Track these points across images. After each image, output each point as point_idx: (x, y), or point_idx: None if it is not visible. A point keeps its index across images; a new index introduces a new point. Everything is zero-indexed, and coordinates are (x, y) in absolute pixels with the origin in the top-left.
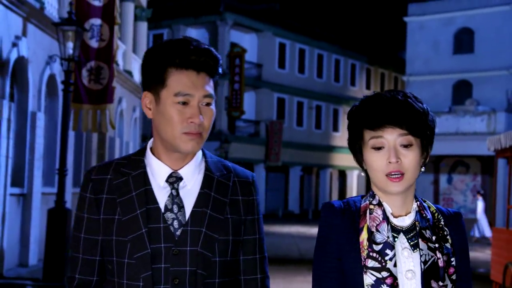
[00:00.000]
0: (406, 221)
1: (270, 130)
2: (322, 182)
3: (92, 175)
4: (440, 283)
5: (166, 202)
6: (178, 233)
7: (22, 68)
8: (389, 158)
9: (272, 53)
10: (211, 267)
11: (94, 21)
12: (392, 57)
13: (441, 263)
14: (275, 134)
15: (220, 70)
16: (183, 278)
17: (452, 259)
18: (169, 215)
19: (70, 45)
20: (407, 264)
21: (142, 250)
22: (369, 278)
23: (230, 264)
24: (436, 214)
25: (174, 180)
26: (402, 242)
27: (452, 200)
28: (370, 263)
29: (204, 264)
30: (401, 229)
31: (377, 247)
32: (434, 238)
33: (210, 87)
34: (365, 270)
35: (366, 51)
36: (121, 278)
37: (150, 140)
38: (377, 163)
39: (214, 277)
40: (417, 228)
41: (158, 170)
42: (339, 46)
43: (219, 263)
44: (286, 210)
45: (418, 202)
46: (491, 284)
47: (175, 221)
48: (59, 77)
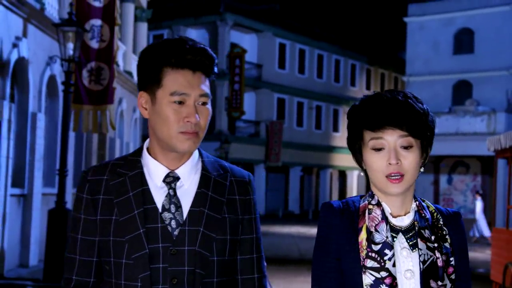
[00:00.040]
0: (405, 221)
1: (270, 130)
2: (322, 183)
3: (88, 176)
4: (439, 283)
5: (163, 202)
6: (176, 233)
7: (23, 69)
8: (389, 159)
9: (272, 53)
10: (209, 267)
11: (94, 21)
12: (392, 57)
13: (440, 263)
14: (275, 134)
15: (215, 70)
16: (182, 277)
17: (451, 259)
18: (166, 215)
19: (71, 45)
20: (406, 263)
21: (140, 250)
22: (368, 278)
23: (228, 263)
24: (435, 214)
25: (171, 180)
26: (401, 242)
27: (452, 200)
28: (369, 263)
29: (202, 263)
30: (400, 229)
31: (376, 247)
32: (433, 237)
33: (206, 86)
34: (364, 270)
35: (366, 52)
36: (119, 279)
37: (147, 140)
38: (377, 164)
39: (212, 276)
40: (416, 228)
41: (155, 170)
42: (339, 47)
43: (217, 263)
44: (286, 211)
45: (417, 202)
46: (491, 284)
47: (173, 221)
48: (60, 77)
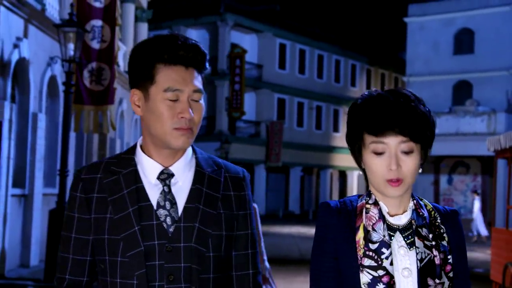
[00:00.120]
0: (402, 219)
1: (271, 130)
2: (323, 183)
3: (82, 175)
4: (436, 281)
5: (158, 199)
6: (171, 229)
7: (23, 69)
8: (389, 165)
9: (272, 53)
10: (206, 263)
11: (95, 22)
12: (392, 57)
13: (437, 261)
14: (276, 134)
15: (207, 65)
16: (178, 274)
17: (449, 257)
18: (161, 212)
19: (71, 46)
20: (404, 262)
21: (135, 248)
22: (365, 277)
23: (223, 259)
24: (432, 212)
25: (165, 176)
26: (399, 240)
27: (452, 200)
28: (367, 262)
29: (198, 259)
30: (397, 227)
31: (373, 246)
32: (430, 236)
33: (198, 82)
34: (361, 268)
35: (367, 52)
36: (114, 277)
37: (140, 138)
38: (377, 167)
39: (209, 272)
40: (413, 226)
41: (149, 168)
42: (340, 47)
43: (213, 258)
44: (287, 211)
45: (415, 200)
46: (491, 284)
47: (168, 217)
48: (60, 78)
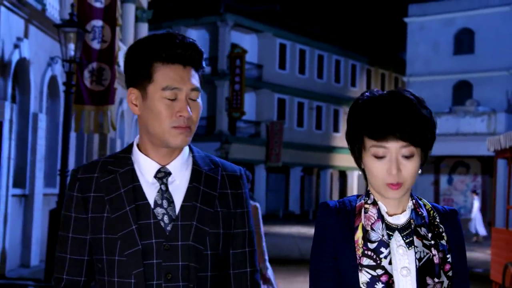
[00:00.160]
0: (401, 219)
1: (271, 130)
2: (323, 183)
3: (78, 174)
4: (435, 280)
5: (155, 198)
6: (168, 228)
7: (24, 69)
8: (390, 169)
9: (272, 53)
10: (203, 261)
11: (95, 22)
12: (392, 57)
13: (436, 260)
14: (276, 134)
15: (204, 64)
16: (176, 273)
17: (448, 256)
18: (159, 211)
19: (72, 46)
20: (402, 261)
21: (132, 246)
22: (364, 276)
23: (221, 258)
24: (431, 212)
25: (162, 175)
26: (397, 240)
27: (452, 200)
28: (365, 261)
29: (196, 257)
30: (396, 227)
31: (372, 245)
32: (429, 235)
33: (196, 81)
34: (360, 268)
35: (367, 52)
36: (111, 276)
37: (136, 137)
38: (377, 171)
39: (206, 270)
40: (412, 226)
41: (146, 166)
42: (340, 47)
43: (211, 257)
44: (287, 211)
45: (414, 200)
46: (491, 284)
47: (165, 216)
48: (61, 78)
